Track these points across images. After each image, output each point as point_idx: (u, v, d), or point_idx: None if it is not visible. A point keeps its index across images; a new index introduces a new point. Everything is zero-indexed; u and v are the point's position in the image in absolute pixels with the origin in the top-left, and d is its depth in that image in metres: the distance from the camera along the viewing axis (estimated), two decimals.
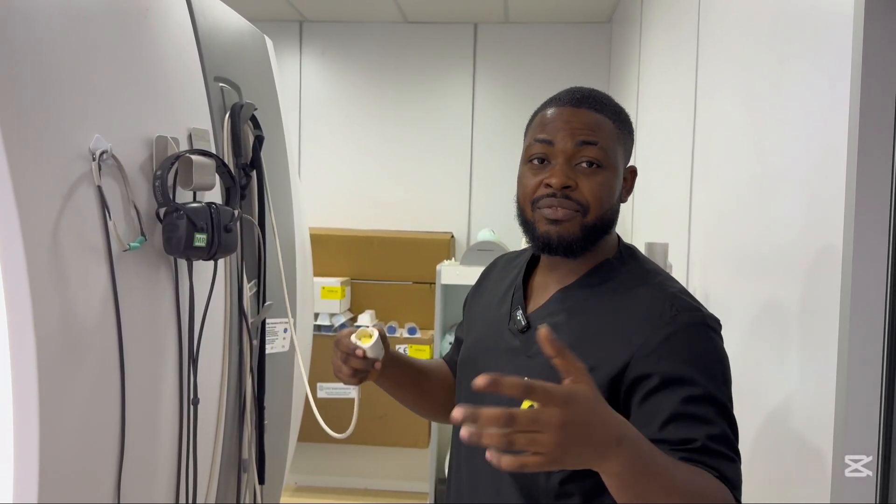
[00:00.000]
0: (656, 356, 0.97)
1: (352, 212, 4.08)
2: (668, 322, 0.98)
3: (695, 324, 0.99)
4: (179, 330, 1.37)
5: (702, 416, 0.93)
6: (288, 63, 4.21)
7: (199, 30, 1.54)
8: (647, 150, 2.96)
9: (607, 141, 1.05)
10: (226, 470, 1.60)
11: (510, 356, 1.09)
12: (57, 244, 1.06)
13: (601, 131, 1.05)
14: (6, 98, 0.99)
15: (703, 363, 0.97)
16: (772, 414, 1.51)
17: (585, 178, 1.04)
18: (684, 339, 0.98)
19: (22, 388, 1.01)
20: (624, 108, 1.12)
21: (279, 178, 2.00)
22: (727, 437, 0.94)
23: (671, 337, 0.97)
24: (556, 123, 1.06)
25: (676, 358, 0.96)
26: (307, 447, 3.26)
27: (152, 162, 1.32)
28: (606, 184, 1.05)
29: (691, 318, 0.99)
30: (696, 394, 0.93)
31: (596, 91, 1.11)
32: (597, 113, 1.07)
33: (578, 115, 1.05)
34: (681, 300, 1.01)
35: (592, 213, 1.05)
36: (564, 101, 1.08)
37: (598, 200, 1.04)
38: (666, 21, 2.68)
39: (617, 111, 1.10)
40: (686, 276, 2.20)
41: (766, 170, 1.57)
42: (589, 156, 1.04)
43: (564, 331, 1.04)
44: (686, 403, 0.93)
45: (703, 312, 1.02)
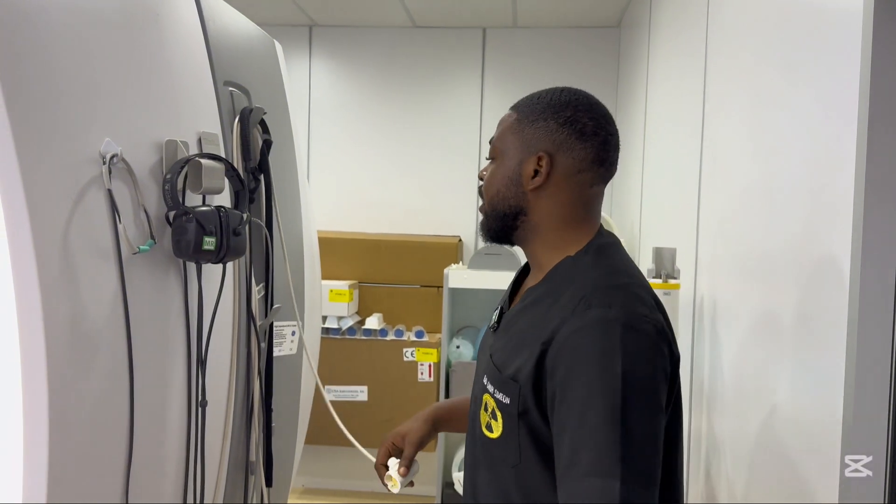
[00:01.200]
0: (559, 355, 0.97)
1: (360, 215, 4.09)
2: (578, 318, 0.97)
3: (605, 319, 0.95)
4: (188, 332, 1.37)
5: (579, 465, 0.91)
6: (297, 67, 4.23)
7: (209, 34, 1.55)
8: (655, 154, 2.96)
9: (502, 135, 1.14)
10: (233, 472, 1.61)
11: (485, 353, 1.15)
12: (67, 247, 1.07)
13: (499, 127, 1.15)
14: (17, 102, 1.00)
15: (608, 371, 0.93)
16: (777, 417, 1.50)
17: (488, 171, 1.15)
18: (590, 335, 0.95)
19: (31, 390, 1.02)
20: (552, 94, 1.12)
21: (288, 181, 2.01)
22: (589, 451, 0.92)
23: (577, 334, 0.96)
24: None
25: (573, 360, 0.95)
26: (314, 449, 3.27)
27: (162, 165, 1.33)
28: (493, 174, 1.13)
29: (602, 312, 0.96)
30: (583, 419, 0.92)
31: (536, 92, 1.15)
32: (509, 111, 1.16)
33: (502, 117, 1.16)
34: (600, 295, 0.98)
35: (485, 204, 1.14)
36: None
37: (487, 189, 1.13)
38: (675, 25, 2.68)
39: (525, 104, 1.14)
40: (694, 280, 2.19)
41: (774, 174, 1.57)
42: (489, 154, 1.16)
43: (514, 330, 1.08)
44: (573, 439, 0.93)
45: (622, 301, 0.97)
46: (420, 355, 3.31)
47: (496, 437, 1.07)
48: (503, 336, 1.12)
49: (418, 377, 3.31)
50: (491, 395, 1.07)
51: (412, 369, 3.31)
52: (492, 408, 1.07)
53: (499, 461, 1.08)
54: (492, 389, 1.07)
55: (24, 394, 1.02)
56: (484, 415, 1.10)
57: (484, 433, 1.10)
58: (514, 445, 1.04)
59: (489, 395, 1.07)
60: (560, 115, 1.09)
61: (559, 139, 1.08)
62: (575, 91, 1.12)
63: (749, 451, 1.67)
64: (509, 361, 1.05)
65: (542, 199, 1.09)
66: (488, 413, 1.08)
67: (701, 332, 2.11)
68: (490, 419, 1.08)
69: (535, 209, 1.10)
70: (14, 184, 1.00)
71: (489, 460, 1.10)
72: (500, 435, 1.06)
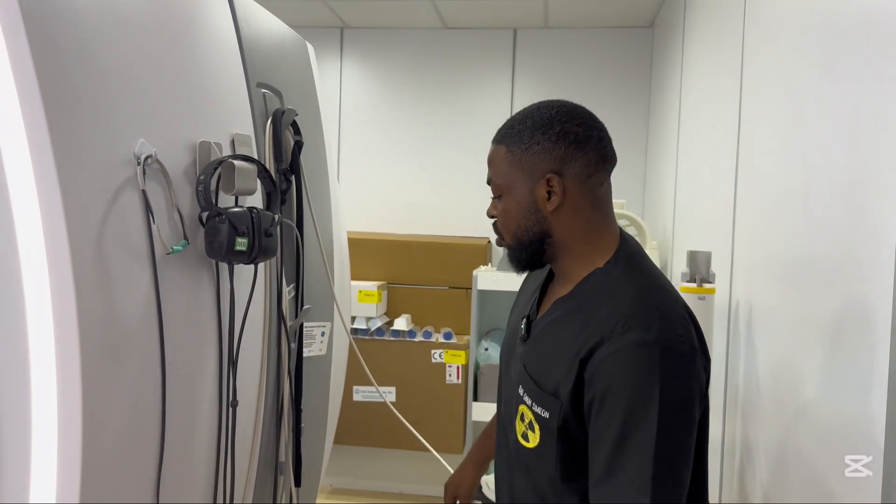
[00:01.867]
0: (601, 373, 1.00)
1: (389, 216, 4.09)
2: (615, 341, 1.00)
3: (644, 344, 0.99)
4: (220, 332, 1.38)
5: (614, 477, 0.97)
6: (329, 68, 4.25)
7: (243, 37, 1.56)
8: (690, 156, 2.92)
9: (499, 170, 1.16)
10: (263, 472, 1.61)
11: (516, 362, 1.18)
12: (102, 247, 1.08)
13: (493, 164, 1.17)
14: (55, 103, 1.02)
15: (646, 391, 0.97)
16: (816, 424, 1.46)
17: (498, 208, 1.18)
18: (628, 359, 0.99)
19: (66, 389, 1.03)
20: (534, 115, 1.14)
21: (318, 182, 2.01)
22: (622, 468, 0.97)
23: (615, 357, 0.99)
24: None
25: (615, 378, 0.99)
26: (343, 450, 3.28)
27: (196, 167, 1.33)
28: (506, 210, 1.16)
29: (641, 337, 0.99)
30: (623, 438, 0.97)
31: (511, 119, 1.17)
32: (494, 146, 1.18)
33: (488, 154, 1.19)
34: (638, 317, 1.01)
35: (506, 238, 1.18)
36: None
37: (505, 226, 1.17)
38: (710, 25, 2.64)
39: (510, 132, 1.15)
40: (729, 285, 2.15)
41: (814, 176, 1.53)
42: (493, 190, 1.18)
43: (547, 341, 1.12)
44: (611, 454, 0.98)
45: (658, 328, 1.00)
46: (448, 357, 3.30)
47: (533, 447, 1.11)
48: (535, 346, 1.15)
49: (446, 379, 3.30)
50: (529, 407, 1.10)
51: (440, 371, 3.30)
52: (529, 419, 1.10)
53: (535, 469, 1.12)
54: (529, 402, 1.10)
55: (59, 393, 1.03)
56: (521, 425, 1.13)
57: (520, 442, 1.13)
58: (552, 457, 1.08)
59: (527, 408, 1.11)
60: (550, 132, 1.11)
61: (559, 155, 1.11)
62: (550, 103, 1.15)
63: (785, 457, 1.64)
64: (546, 376, 1.09)
65: (562, 217, 1.12)
66: (525, 424, 1.12)
67: (736, 338, 2.07)
68: (527, 430, 1.11)
69: (558, 228, 1.13)
70: (51, 184, 1.01)
71: (525, 467, 1.14)
72: (537, 445, 1.10)
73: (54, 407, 1.03)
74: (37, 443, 1.04)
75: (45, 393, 1.03)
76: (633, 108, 4.11)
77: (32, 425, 1.04)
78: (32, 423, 1.04)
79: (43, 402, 1.04)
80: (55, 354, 1.03)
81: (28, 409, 1.04)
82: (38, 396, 1.04)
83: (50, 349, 1.03)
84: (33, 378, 1.03)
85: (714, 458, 2.26)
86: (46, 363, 1.03)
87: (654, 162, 3.81)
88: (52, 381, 1.03)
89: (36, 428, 1.04)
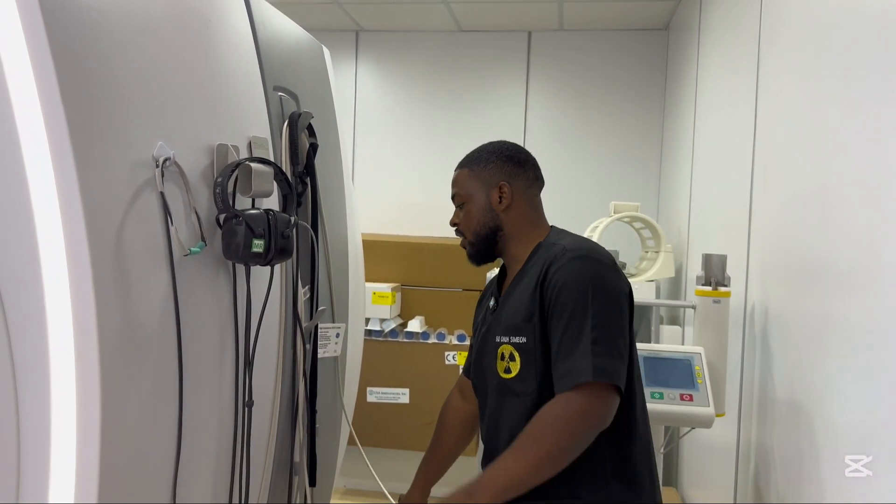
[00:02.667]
0: (552, 285, 1.37)
1: (403, 218, 4.10)
2: (560, 261, 1.39)
3: (578, 256, 1.39)
4: (236, 333, 1.39)
5: (568, 337, 1.32)
6: (344, 71, 4.27)
7: (260, 40, 1.57)
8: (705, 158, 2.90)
9: (462, 186, 1.56)
10: (277, 472, 1.62)
11: (490, 334, 1.50)
12: (121, 248, 1.10)
13: (458, 183, 1.57)
14: (76, 106, 1.03)
15: (583, 283, 1.35)
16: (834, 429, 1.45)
17: (461, 216, 1.56)
18: (570, 267, 1.37)
19: (85, 390, 1.04)
20: (487, 146, 1.58)
21: (334, 185, 2.03)
22: (574, 340, 1.31)
23: (561, 269, 1.38)
24: None
25: (563, 282, 1.36)
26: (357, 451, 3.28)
27: (213, 169, 1.35)
28: (468, 213, 1.54)
29: (576, 253, 1.39)
30: (571, 319, 1.33)
31: (470, 152, 1.60)
32: (456, 170, 1.59)
33: (452, 177, 1.59)
34: (574, 247, 1.42)
35: (468, 235, 1.55)
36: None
37: (467, 226, 1.55)
38: (726, 27, 2.63)
39: (471, 159, 1.57)
40: (745, 288, 2.14)
41: (831, 178, 1.52)
42: (456, 202, 1.58)
43: (513, 295, 1.47)
44: (563, 336, 1.33)
45: (586, 248, 1.41)
46: (462, 359, 3.30)
47: (514, 375, 1.43)
48: (504, 305, 1.48)
49: None
50: (508, 343, 1.43)
51: (454, 373, 3.30)
52: (509, 352, 1.43)
53: (517, 394, 1.41)
54: (507, 339, 1.44)
55: (78, 394, 1.04)
56: (501, 363, 1.45)
57: (502, 376, 1.45)
58: (532, 375, 1.40)
59: (506, 345, 1.44)
60: (502, 154, 1.55)
61: (508, 170, 1.53)
62: (502, 140, 1.60)
63: (801, 463, 1.63)
64: (518, 312, 1.42)
65: (510, 215, 1.52)
66: (506, 359, 1.44)
67: (752, 341, 2.06)
68: (508, 363, 1.44)
69: (507, 222, 1.52)
70: (71, 186, 1.02)
71: (507, 399, 1.44)
72: (518, 371, 1.42)
73: (73, 407, 1.04)
74: (56, 443, 1.05)
75: (64, 393, 1.04)
76: (647, 110, 4.10)
77: (52, 425, 1.05)
78: (52, 424, 1.05)
79: (62, 403, 1.05)
80: (74, 355, 1.04)
81: (47, 409, 1.05)
82: (57, 397, 1.05)
83: (69, 350, 1.04)
84: (52, 379, 1.05)
85: (729, 462, 2.24)
86: (66, 364, 1.04)
87: (669, 164, 3.80)
88: (71, 381, 1.04)
89: (55, 428, 1.05)
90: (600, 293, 1.34)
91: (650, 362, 1.94)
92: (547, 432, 1.28)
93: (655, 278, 3.27)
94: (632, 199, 3.45)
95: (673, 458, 3.26)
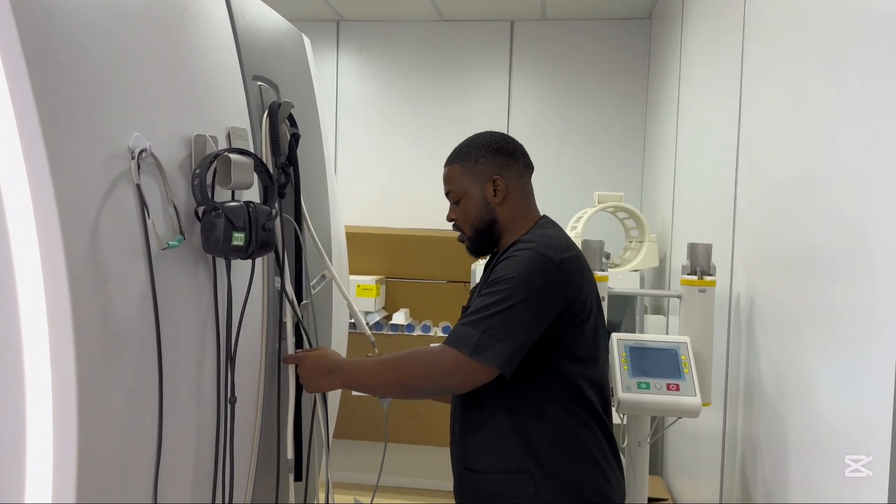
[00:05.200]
0: (495, 269, 1.47)
1: (387, 210, 4.08)
2: (510, 251, 1.48)
3: (526, 248, 1.45)
4: (217, 329, 1.37)
5: (475, 309, 1.42)
6: (325, 62, 4.23)
7: (238, 29, 1.54)
8: (689, 147, 2.90)
9: (455, 182, 1.60)
10: (263, 467, 1.60)
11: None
12: (96, 243, 1.07)
13: (450, 180, 1.62)
14: (46, 97, 1.00)
15: (510, 269, 1.42)
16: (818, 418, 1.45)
17: (457, 211, 1.61)
18: (513, 256, 1.45)
19: (61, 388, 1.01)
20: (474, 140, 1.61)
21: (316, 176, 2.00)
22: (477, 313, 1.41)
23: (506, 257, 1.47)
24: None
25: (501, 266, 1.45)
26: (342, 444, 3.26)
27: (191, 161, 1.32)
28: (464, 209, 1.59)
29: (525, 245, 1.46)
30: (488, 292, 1.43)
31: (457, 147, 1.63)
32: (447, 167, 1.63)
33: (443, 174, 1.63)
34: (527, 240, 1.48)
35: (466, 230, 1.61)
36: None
37: (464, 222, 1.61)
38: (709, 15, 2.62)
39: (461, 154, 1.60)
40: (730, 277, 2.14)
41: (817, 168, 1.52)
42: (451, 199, 1.63)
43: (479, 285, 1.54)
44: (476, 304, 1.43)
45: (535, 243, 1.46)
46: None
47: None
48: (472, 296, 1.57)
49: None
50: None
51: None
52: None
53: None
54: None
55: (54, 392, 1.01)
56: None
57: None
58: None
59: None
60: (490, 147, 1.58)
61: (499, 162, 1.57)
62: (488, 131, 1.63)
63: (787, 451, 1.63)
64: (475, 300, 1.48)
65: (505, 207, 1.57)
66: None
67: (737, 331, 2.06)
68: None
69: (503, 215, 1.57)
70: (44, 179, 0.99)
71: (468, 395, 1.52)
72: None
73: (49, 406, 1.02)
74: (32, 442, 1.02)
75: (40, 392, 1.02)
76: (630, 100, 4.09)
77: (27, 424, 1.02)
78: (27, 423, 1.02)
79: (38, 401, 1.02)
80: (49, 352, 1.01)
81: (23, 408, 1.02)
82: (32, 395, 1.02)
83: (44, 347, 1.01)
84: (27, 377, 1.02)
85: (715, 451, 2.25)
86: (41, 361, 1.01)
87: (653, 154, 3.80)
88: (46, 379, 1.02)
89: (31, 427, 1.02)
90: (523, 284, 1.40)
91: (636, 352, 1.93)
92: (408, 365, 1.47)
93: (640, 268, 3.27)
94: (615, 189, 3.45)
95: (658, 447, 3.27)
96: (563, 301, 1.43)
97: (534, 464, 1.45)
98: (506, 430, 1.48)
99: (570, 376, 1.46)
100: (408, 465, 3.50)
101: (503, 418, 1.48)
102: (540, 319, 1.41)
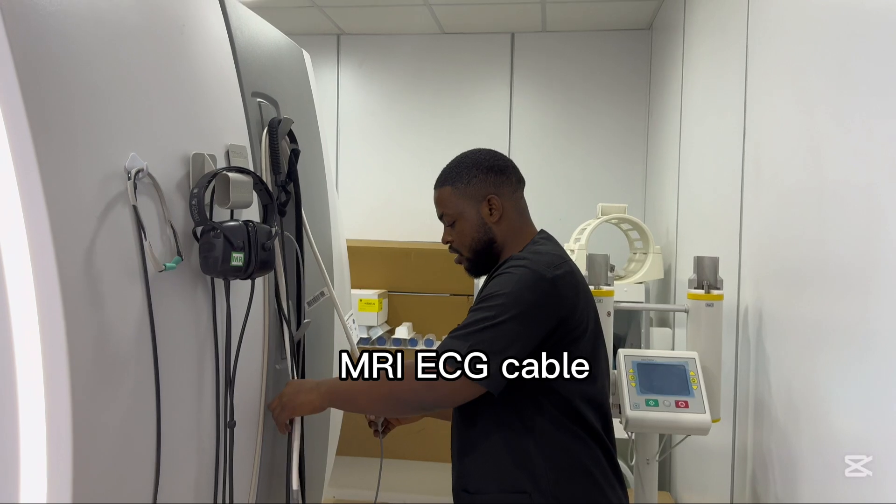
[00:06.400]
0: (487, 287, 1.46)
1: (389, 224, 4.06)
2: (502, 267, 1.46)
3: (517, 265, 1.43)
4: (217, 351, 1.34)
5: (464, 324, 1.40)
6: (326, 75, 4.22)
7: (237, 45, 1.52)
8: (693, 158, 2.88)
9: (449, 205, 1.58)
10: (265, 484, 1.57)
11: None
12: (91, 265, 1.04)
13: (442, 202, 1.60)
14: (41, 116, 0.98)
15: (501, 286, 1.40)
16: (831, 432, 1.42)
17: (453, 234, 1.59)
18: (504, 273, 1.43)
19: (55, 414, 0.99)
20: (463, 160, 1.59)
21: (317, 191, 1.98)
22: (466, 328, 1.39)
23: (497, 274, 1.45)
24: None
25: (492, 283, 1.44)
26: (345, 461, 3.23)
27: (189, 180, 1.29)
28: (461, 231, 1.58)
29: (517, 262, 1.44)
30: (478, 308, 1.41)
31: (446, 167, 1.61)
32: (437, 189, 1.61)
33: (434, 197, 1.61)
34: (519, 256, 1.47)
35: (465, 252, 1.59)
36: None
37: (462, 244, 1.59)
38: (712, 25, 2.61)
39: (452, 176, 1.58)
40: (737, 290, 2.11)
41: (826, 180, 1.49)
42: (445, 221, 1.61)
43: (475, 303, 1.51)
44: (470, 315, 1.41)
45: (527, 260, 1.44)
46: None
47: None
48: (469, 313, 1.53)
49: None
50: None
51: None
52: None
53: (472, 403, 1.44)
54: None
55: (48, 419, 0.98)
56: None
57: None
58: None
59: None
60: (481, 167, 1.56)
61: (492, 180, 1.56)
62: (475, 149, 1.62)
63: (799, 467, 1.59)
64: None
65: (502, 225, 1.56)
66: None
67: (745, 344, 2.03)
68: None
69: (500, 233, 1.56)
70: (36, 200, 0.97)
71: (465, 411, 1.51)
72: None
73: (44, 432, 0.99)
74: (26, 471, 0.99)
75: (33, 418, 0.99)
76: (632, 111, 4.08)
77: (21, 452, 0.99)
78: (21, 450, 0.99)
79: (31, 427, 0.99)
80: (43, 377, 0.99)
81: (16, 435, 0.99)
82: (26, 421, 0.99)
83: (38, 372, 0.99)
84: (21, 402, 0.99)
85: (724, 465, 2.21)
86: (34, 387, 0.99)
87: (656, 164, 3.77)
88: (40, 405, 0.99)
89: (24, 455, 1.00)
90: (513, 300, 1.38)
91: (643, 369, 1.90)
92: (393, 378, 1.43)
93: (644, 280, 3.24)
94: (618, 201, 3.42)
95: (667, 462, 3.23)
96: (555, 319, 1.41)
97: (530, 484, 1.42)
98: (500, 448, 1.45)
99: (564, 393, 1.43)
100: (412, 481, 3.46)
101: (497, 436, 1.45)
102: (530, 337, 1.39)
